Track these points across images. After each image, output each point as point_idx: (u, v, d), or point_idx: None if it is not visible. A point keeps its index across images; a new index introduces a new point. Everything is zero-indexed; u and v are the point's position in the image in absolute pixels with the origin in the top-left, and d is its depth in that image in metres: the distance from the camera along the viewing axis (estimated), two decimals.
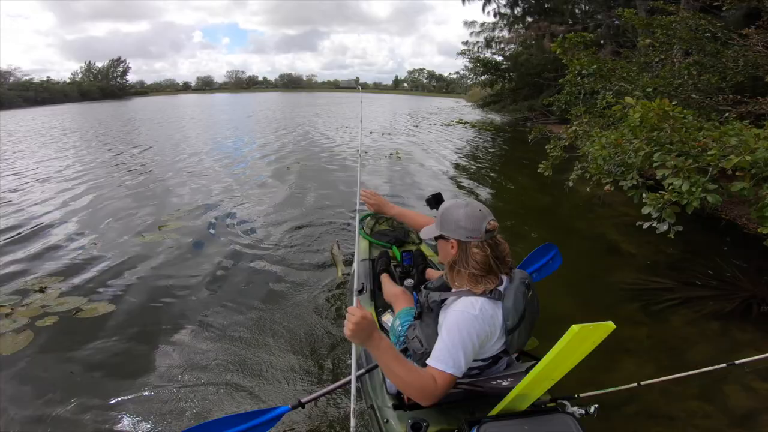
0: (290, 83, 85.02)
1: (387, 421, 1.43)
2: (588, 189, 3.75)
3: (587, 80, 5.20)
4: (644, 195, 2.56)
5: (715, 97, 4.54)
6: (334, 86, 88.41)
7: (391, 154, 9.24)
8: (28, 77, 47.60)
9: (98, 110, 28.96)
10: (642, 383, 1.47)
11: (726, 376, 2.13)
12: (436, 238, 1.36)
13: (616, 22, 9.96)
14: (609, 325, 0.93)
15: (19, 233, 4.74)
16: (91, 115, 24.47)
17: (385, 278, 2.28)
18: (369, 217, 3.10)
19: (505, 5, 14.72)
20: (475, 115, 21.10)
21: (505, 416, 1.16)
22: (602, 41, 10.52)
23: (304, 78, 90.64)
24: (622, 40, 9.29)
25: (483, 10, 15.52)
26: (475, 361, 1.26)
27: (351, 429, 1.09)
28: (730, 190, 2.21)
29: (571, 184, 3.89)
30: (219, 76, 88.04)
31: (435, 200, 1.88)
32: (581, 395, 1.43)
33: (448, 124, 16.76)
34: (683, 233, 2.51)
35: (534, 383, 1.09)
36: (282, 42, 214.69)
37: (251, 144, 11.54)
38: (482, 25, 16.15)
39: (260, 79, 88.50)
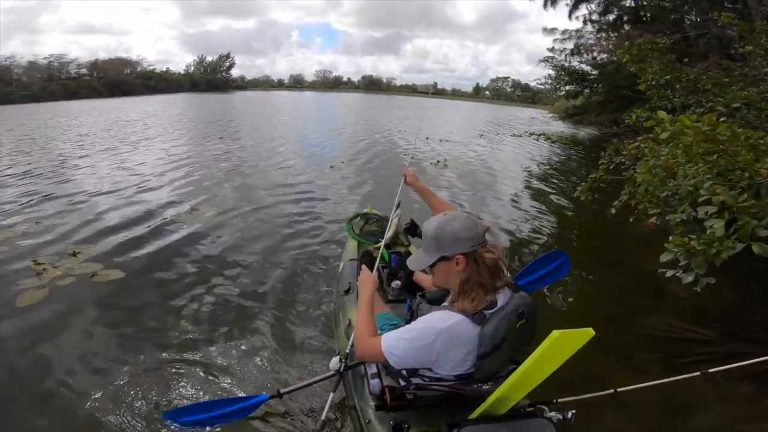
0: (371, 85, 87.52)
1: (369, 421, 1.49)
2: (630, 220, 3.16)
3: (677, 93, 4.47)
4: (670, 237, 2.05)
5: None
6: (412, 90, 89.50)
7: (438, 161, 8.89)
8: (152, 67, 54.96)
9: (210, 101, 32.34)
10: (619, 390, 1.49)
11: (702, 384, 2.06)
12: (433, 265, 1.29)
13: (729, 32, 8.51)
14: (588, 332, 0.97)
15: (91, 200, 5.47)
16: (206, 105, 27.46)
17: (364, 267, 2.21)
18: (358, 217, 3.08)
19: (596, 11, 13.32)
20: (556, 127, 19.51)
21: (485, 420, 1.20)
22: (708, 53, 9.03)
23: (384, 80, 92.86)
24: (732, 51, 7.89)
25: (570, 16, 14.18)
26: (447, 375, 1.29)
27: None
28: None
29: (613, 211, 3.33)
30: (309, 74, 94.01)
31: (413, 227, 1.90)
32: (559, 400, 1.45)
33: (519, 136, 15.82)
34: (760, 278, 2.04)
35: (514, 387, 1.12)
36: (368, 43, 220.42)
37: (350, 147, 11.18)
38: (564, 32, 14.84)
39: (344, 79, 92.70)
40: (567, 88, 16.39)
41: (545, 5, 14.21)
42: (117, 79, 42.84)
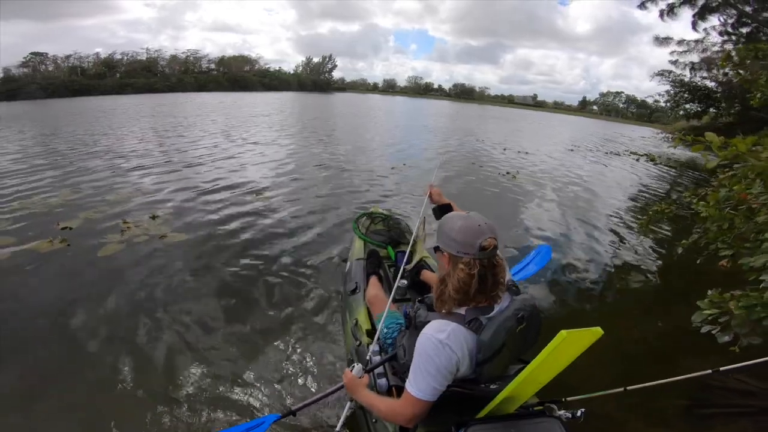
0: (462, 93, 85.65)
1: (376, 421, 1.48)
2: (698, 261, 2.68)
3: None
4: (709, 292, 1.75)
5: None
6: (508, 101, 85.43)
7: (508, 172, 8.41)
8: (267, 66, 61.09)
9: (318, 101, 35.23)
10: (628, 388, 1.45)
11: (711, 382, 2.06)
12: (435, 250, 1.26)
13: None
14: (597, 331, 0.95)
15: (190, 176, 6.41)
16: (315, 104, 30.32)
17: (372, 280, 2.29)
18: (364, 217, 3.09)
19: (728, 23, 11.15)
20: (671, 149, 16.88)
21: (493, 419, 1.18)
22: None
23: (477, 89, 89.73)
24: None
25: (693, 27, 12.07)
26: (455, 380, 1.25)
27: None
28: None
29: (680, 250, 2.86)
30: (401, 80, 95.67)
31: (440, 211, 1.83)
32: (568, 399, 1.43)
33: (617, 154, 14.21)
34: None
35: (522, 386, 1.11)
36: (464, 52, 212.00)
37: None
38: (680, 42, 12.77)
39: (435, 86, 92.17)
40: (687, 106, 14.32)
41: (662, 16, 12.40)
42: (238, 75, 48.52)
